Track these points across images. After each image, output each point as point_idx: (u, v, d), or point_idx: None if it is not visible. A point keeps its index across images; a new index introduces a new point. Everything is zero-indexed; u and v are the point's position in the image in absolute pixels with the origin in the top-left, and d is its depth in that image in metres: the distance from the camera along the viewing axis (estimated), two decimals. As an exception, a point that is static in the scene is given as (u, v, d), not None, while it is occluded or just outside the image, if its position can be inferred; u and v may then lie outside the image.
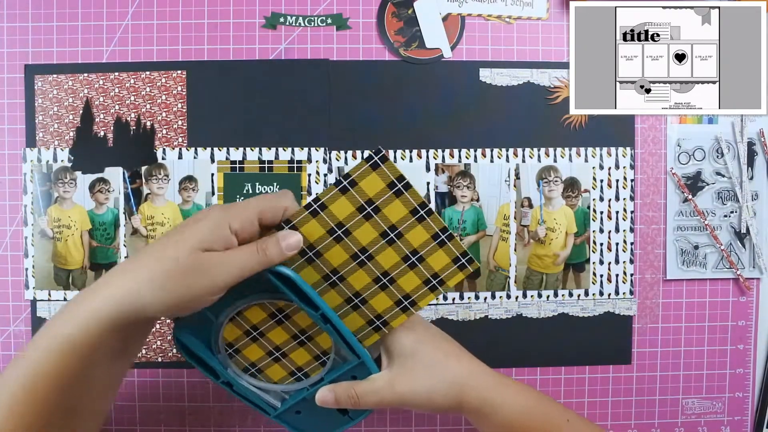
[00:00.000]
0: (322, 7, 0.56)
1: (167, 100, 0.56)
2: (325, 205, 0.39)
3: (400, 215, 0.39)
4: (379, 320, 0.42)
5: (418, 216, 0.39)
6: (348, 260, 0.40)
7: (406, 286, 0.41)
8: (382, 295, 0.41)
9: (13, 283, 0.57)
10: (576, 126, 0.57)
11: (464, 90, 0.57)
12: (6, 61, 0.56)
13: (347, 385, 0.42)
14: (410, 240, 0.40)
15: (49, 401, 0.36)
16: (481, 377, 0.44)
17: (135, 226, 0.56)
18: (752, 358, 0.59)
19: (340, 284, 0.41)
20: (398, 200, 0.39)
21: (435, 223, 0.39)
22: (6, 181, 0.56)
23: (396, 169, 0.38)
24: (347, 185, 0.39)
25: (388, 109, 0.57)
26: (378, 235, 0.40)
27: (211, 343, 0.43)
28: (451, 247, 0.40)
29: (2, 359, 0.57)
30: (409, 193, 0.39)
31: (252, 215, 0.38)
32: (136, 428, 0.57)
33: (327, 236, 0.40)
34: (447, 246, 0.40)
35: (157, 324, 0.57)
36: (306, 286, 0.39)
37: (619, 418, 0.59)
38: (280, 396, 0.46)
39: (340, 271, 0.41)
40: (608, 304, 0.58)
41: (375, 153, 0.38)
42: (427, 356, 0.43)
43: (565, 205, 0.58)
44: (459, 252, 0.40)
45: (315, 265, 0.41)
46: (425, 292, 0.41)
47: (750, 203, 0.58)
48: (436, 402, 0.42)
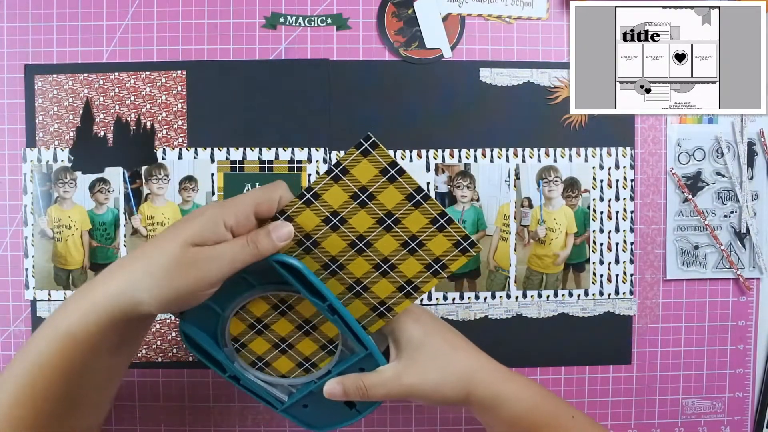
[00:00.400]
0: (322, 7, 0.56)
1: (167, 100, 0.56)
2: (318, 194, 0.39)
3: (395, 201, 0.39)
4: (383, 306, 0.42)
5: (415, 201, 0.39)
6: (346, 248, 0.40)
7: (407, 271, 0.41)
8: (384, 281, 0.41)
9: (13, 283, 0.57)
10: (576, 126, 0.57)
11: (464, 90, 0.57)
12: (6, 61, 0.56)
13: (355, 377, 0.42)
14: (408, 226, 0.39)
15: (51, 393, 0.36)
16: (489, 371, 0.44)
17: (135, 227, 0.56)
18: (752, 358, 0.59)
19: (340, 272, 0.41)
20: (392, 186, 0.38)
21: (433, 207, 0.39)
22: (6, 181, 0.56)
23: (388, 155, 0.38)
24: (339, 173, 0.38)
25: (388, 109, 0.57)
26: (375, 222, 0.39)
27: (218, 336, 0.43)
28: (452, 231, 0.39)
29: (2, 359, 0.57)
30: (403, 179, 0.38)
31: (247, 210, 0.38)
32: (136, 428, 0.57)
33: (323, 225, 0.39)
34: (447, 230, 0.39)
35: (157, 324, 0.57)
36: (313, 276, 0.39)
37: (619, 418, 0.59)
38: (287, 390, 0.46)
39: (339, 260, 0.41)
40: (608, 304, 0.58)
41: (365, 139, 0.37)
42: (435, 348, 0.43)
43: (565, 205, 0.58)
44: (460, 236, 0.40)
45: (313, 255, 0.40)
46: (428, 277, 0.41)
47: (750, 203, 0.58)
48: (444, 394, 0.42)
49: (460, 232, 0.40)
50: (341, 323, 0.41)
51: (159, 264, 0.36)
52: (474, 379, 0.43)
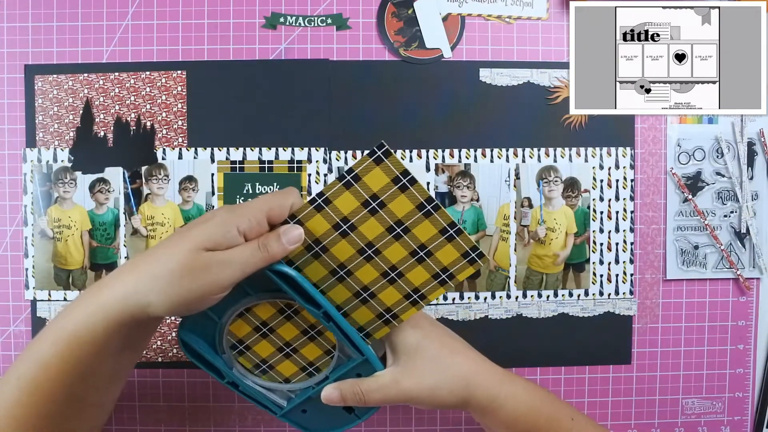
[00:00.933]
0: (322, 7, 0.56)
1: (167, 100, 0.56)
2: (329, 200, 0.39)
3: (405, 210, 0.39)
4: (389, 313, 0.42)
5: (425, 211, 0.39)
6: (355, 255, 0.40)
7: (415, 280, 0.41)
8: (391, 289, 0.41)
9: (13, 283, 0.57)
10: (576, 126, 0.57)
11: (464, 90, 0.57)
12: (6, 61, 0.56)
13: (352, 383, 0.42)
14: (417, 235, 0.39)
15: (55, 394, 0.36)
16: (487, 374, 0.44)
17: (135, 227, 0.56)
18: (752, 358, 0.59)
19: (348, 278, 0.41)
20: (403, 195, 0.38)
21: (443, 218, 0.39)
22: (6, 181, 0.56)
23: (400, 164, 0.38)
24: (351, 180, 0.38)
25: (388, 109, 0.57)
26: (384, 230, 0.39)
27: (216, 343, 0.43)
28: (460, 241, 0.40)
29: (2, 359, 0.57)
30: (414, 188, 0.38)
31: (259, 215, 0.38)
32: (136, 428, 0.57)
33: (333, 231, 0.40)
34: (456, 240, 0.40)
35: (157, 324, 0.57)
36: (306, 283, 0.39)
37: (619, 418, 0.59)
38: (286, 395, 0.46)
39: (347, 266, 0.41)
40: (608, 304, 0.58)
41: (378, 148, 0.38)
42: (432, 353, 0.43)
43: (565, 205, 0.58)
44: (469, 246, 0.40)
45: (322, 260, 0.41)
46: (435, 286, 0.41)
47: (750, 203, 0.58)
48: (442, 398, 0.42)
49: (468, 243, 0.40)
50: (336, 329, 0.41)
51: (169, 267, 0.36)
52: (472, 383, 0.43)
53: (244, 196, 0.57)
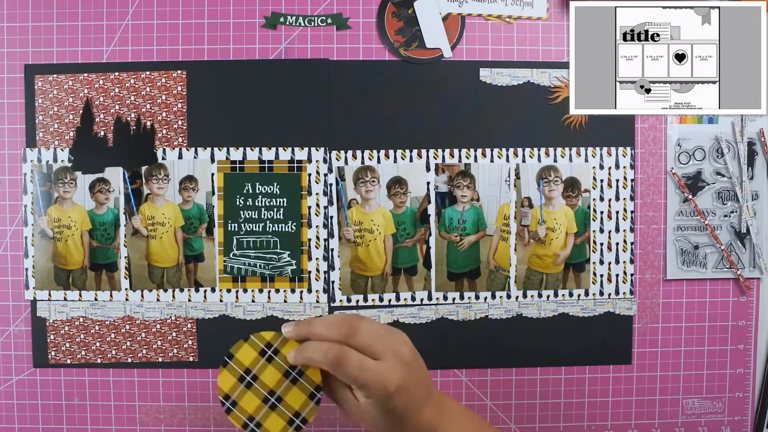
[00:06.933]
0: (322, 7, 0.56)
1: (167, 100, 0.56)
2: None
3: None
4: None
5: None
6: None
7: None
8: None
9: (13, 283, 0.57)
10: (576, 126, 0.57)
11: (464, 90, 0.57)
12: (6, 61, 0.56)
13: (358, 356, 0.40)
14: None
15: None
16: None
17: (135, 227, 0.56)
18: (752, 358, 0.59)
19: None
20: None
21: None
22: (6, 181, 0.56)
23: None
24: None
25: (388, 109, 0.57)
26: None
27: None
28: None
29: (2, 359, 0.57)
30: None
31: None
32: (136, 428, 0.57)
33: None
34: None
35: (157, 324, 0.57)
36: None
37: (619, 418, 0.59)
38: None
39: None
40: (608, 304, 0.58)
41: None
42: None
43: (565, 205, 0.58)
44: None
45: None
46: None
47: (750, 203, 0.58)
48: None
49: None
50: None
51: None
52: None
53: (244, 196, 0.57)
